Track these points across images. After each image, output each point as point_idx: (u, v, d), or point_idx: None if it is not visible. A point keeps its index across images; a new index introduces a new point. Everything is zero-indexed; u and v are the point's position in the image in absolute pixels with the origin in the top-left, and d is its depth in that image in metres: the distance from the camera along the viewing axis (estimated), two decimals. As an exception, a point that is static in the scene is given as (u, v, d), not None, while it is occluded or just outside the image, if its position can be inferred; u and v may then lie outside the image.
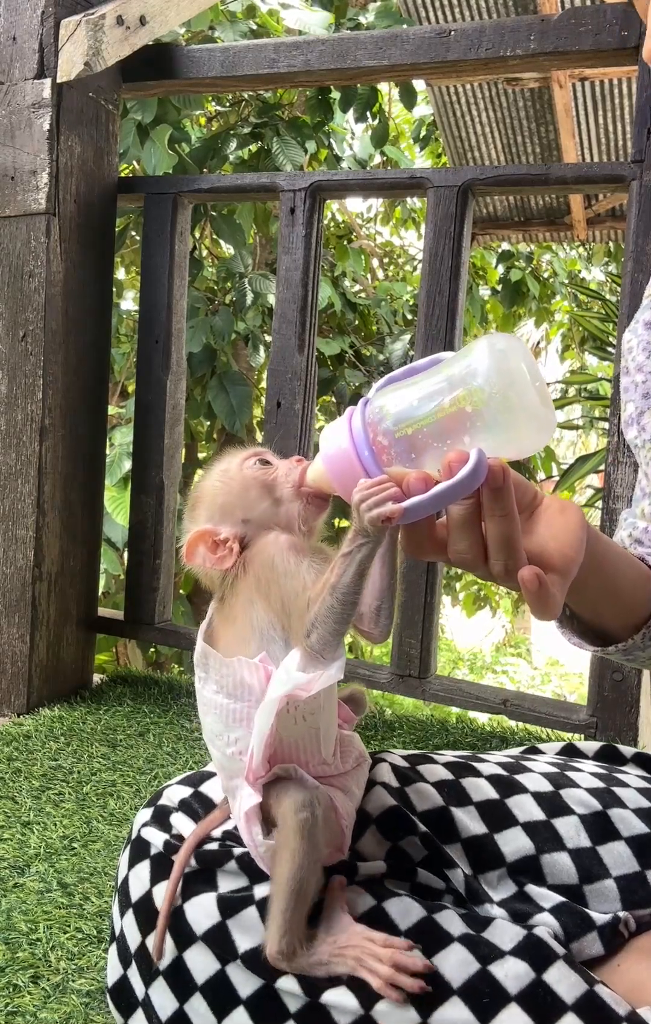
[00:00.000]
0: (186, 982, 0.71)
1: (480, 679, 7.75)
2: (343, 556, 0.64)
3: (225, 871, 0.74)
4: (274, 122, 3.10)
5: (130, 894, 0.78)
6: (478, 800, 0.79)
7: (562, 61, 1.60)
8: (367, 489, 0.62)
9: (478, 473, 0.59)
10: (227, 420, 3.16)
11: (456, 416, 0.60)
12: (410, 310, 4.39)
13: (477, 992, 0.64)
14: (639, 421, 0.87)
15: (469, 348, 0.61)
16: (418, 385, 0.63)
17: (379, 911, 0.70)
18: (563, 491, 4.51)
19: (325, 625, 0.66)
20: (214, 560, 0.73)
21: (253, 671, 0.71)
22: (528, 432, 0.60)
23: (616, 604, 0.77)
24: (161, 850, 0.77)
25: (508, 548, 0.61)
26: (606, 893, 0.74)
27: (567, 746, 0.94)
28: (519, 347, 0.60)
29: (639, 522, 0.87)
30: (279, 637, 0.72)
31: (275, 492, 0.75)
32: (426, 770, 0.83)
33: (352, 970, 0.65)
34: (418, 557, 0.67)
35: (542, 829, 0.77)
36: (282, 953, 0.66)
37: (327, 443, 0.66)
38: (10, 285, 1.74)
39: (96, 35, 1.65)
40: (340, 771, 0.77)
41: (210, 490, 0.76)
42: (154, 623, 1.93)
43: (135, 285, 3.88)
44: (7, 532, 1.77)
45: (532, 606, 0.61)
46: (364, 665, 1.84)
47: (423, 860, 0.76)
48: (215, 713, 0.73)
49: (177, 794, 0.84)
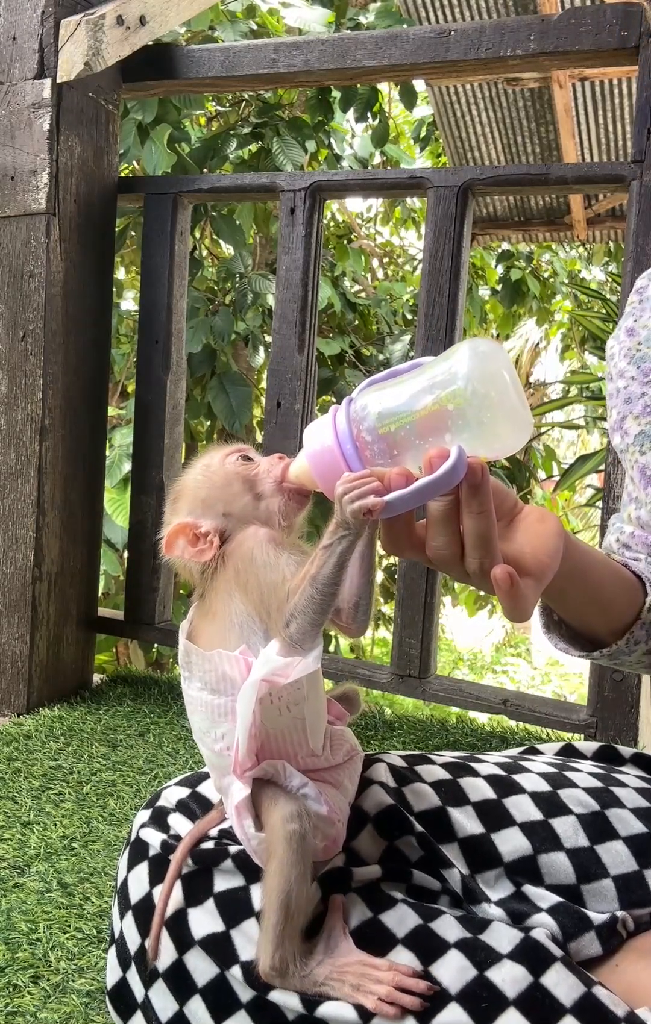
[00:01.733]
0: (186, 984, 0.71)
1: (480, 679, 7.75)
2: (323, 548, 0.66)
3: (221, 870, 0.74)
4: (274, 122, 3.10)
5: (129, 896, 0.77)
6: (475, 800, 0.79)
7: (562, 61, 1.60)
8: (350, 482, 0.63)
9: (458, 469, 0.60)
10: (227, 420, 3.16)
11: (437, 415, 0.62)
12: (410, 310, 4.39)
13: (475, 998, 0.64)
14: (622, 426, 0.88)
15: (451, 351, 0.63)
16: (401, 385, 0.65)
17: (375, 923, 0.70)
18: (563, 491, 4.51)
19: (304, 615, 0.67)
20: (194, 553, 0.74)
21: (233, 664, 0.72)
22: (507, 431, 0.62)
23: (600, 611, 0.78)
24: (159, 851, 0.77)
25: (484, 545, 0.62)
26: (604, 893, 0.74)
27: (566, 746, 0.94)
28: (499, 351, 0.62)
29: (626, 527, 0.88)
30: (258, 629, 0.72)
31: (256, 487, 0.76)
32: (424, 770, 0.83)
33: (348, 996, 0.65)
34: (397, 555, 0.68)
35: (540, 829, 0.77)
36: (275, 969, 0.66)
37: (310, 440, 0.67)
38: (10, 285, 1.74)
39: (96, 35, 1.65)
40: (331, 764, 0.77)
41: (192, 484, 0.77)
42: (154, 623, 1.93)
43: (135, 285, 3.87)
44: (7, 532, 1.77)
45: (504, 605, 0.62)
46: (364, 665, 1.84)
47: (419, 860, 0.76)
48: (201, 711, 0.74)
49: (175, 795, 0.84)
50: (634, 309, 0.91)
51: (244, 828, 0.71)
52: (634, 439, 0.87)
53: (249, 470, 0.76)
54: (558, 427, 6.68)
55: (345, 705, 0.84)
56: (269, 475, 0.76)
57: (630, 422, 0.87)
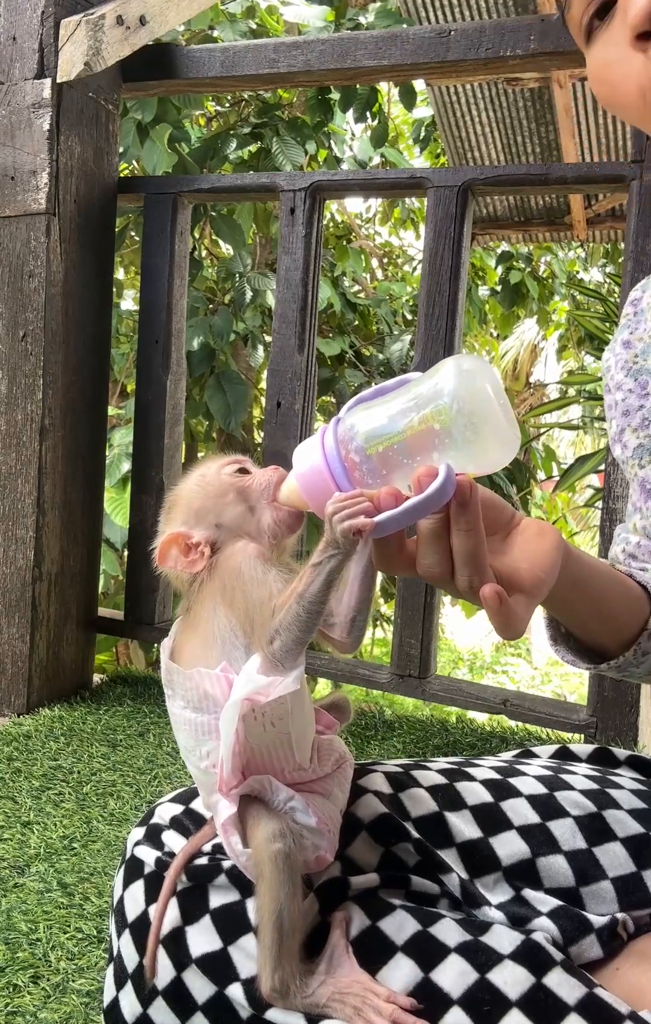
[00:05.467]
0: (187, 1003, 0.71)
1: (480, 679, 7.76)
2: (312, 566, 0.65)
3: (216, 885, 0.74)
4: (274, 122, 3.10)
5: (126, 914, 0.77)
6: (472, 804, 0.79)
7: (562, 61, 1.60)
8: (340, 502, 0.63)
9: (447, 487, 0.60)
10: (223, 419, 3.16)
11: (424, 434, 0.62)
12: (410, 310, 4.40)
13: (478, 1001, 0.64)
14: (621, 439, 0.88)
15: (436, 368, 0.63)
16: (387, 404, 0.65)
17: (374, 932, 0.70)
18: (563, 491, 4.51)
19: (289, 633, 0.67)
20: (185, 563, 0.74)
21: (215, 682, 0.71)
22: (494, 448, 0.62)
23: (606, 622, 0.78)
24: (154, 868, 0.77)
25: (473, 563, 0.62)
26: (603, 895, 0.74)
27: (560, 749, 0.94)
28: (484, 367, 0.62)
29: (632, 537, 0.88)
30: (240, 644, 0.72)
31: (249, 499, 0.76)
32: (419, 775, 0.83)
33: (349, 1019, 0.65)
34: (388, 572, 0.68)
35: (537, 832, 0.77)
36: (276, 990, 0.66)
37: (299, 461, 0.67)
38: (10, 285, 1.74)
39: (96, 35, 1.65)
40: (319, 775, 0.77)
41: (186, 494, 0.77)
42: (154, 623, 1.93)
43: (135, 285, 3.87)
44: (7, 532, 1.77)
45: (494, 623, 0.62)
46: (364, 665, 1.84)
47: (417, 865, 0.76)
48: (185, 729, 0.74)
49: (168, 812, 0.83)
50: (629, 321, 0.91)
51: (232, 845, 0.71)
52: (633, 452, 0.87)
53: (244, 482, 0.76)
54: (557, 427, 6.68)
55: (335, 714, 0.83)
56: (262, 490, 0.76)
57: (629, 435, 0.87)
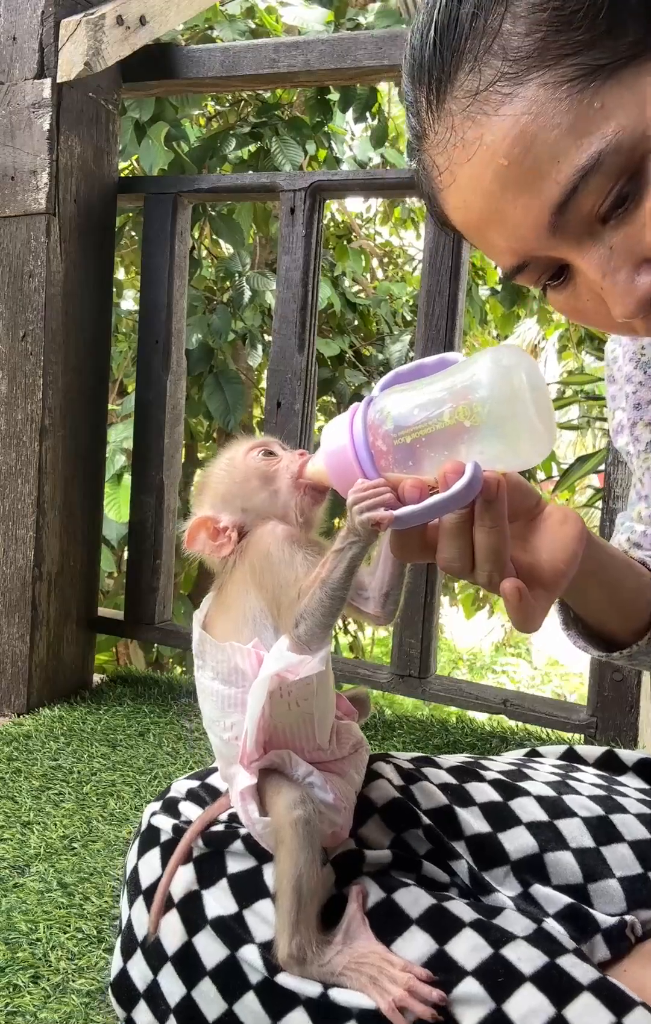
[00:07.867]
0: (195, 967, 0.71)
1: (480, 679, 7.76)
2: (335, 552, 0.66)
3: (232, 852, 0.75)
4: (273, 122, 3.10)
5: (140, 882, 0.78)
6: (481, 801, 0.80)
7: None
8: (362, 491, 0.63)
9: (473, 486, 0.59)
10: (221, 418, 3.16)
11: (454, 429, 0.61)
12: (410, 310, 4.39)
13: (492, 973, 0.64)
14: (632, 431, 0.88)
15: (474, 358, 0.62)
16: (421, 391, 0.63)
17: (389, 903, 0.70)
18: (563, 491, 4.51)
19: (313, 617, 0.68)
20: (213, 547, 0.76)
21: (246, 656, 0.72)
22: (525, 448, 0.60)
23: (619, 610, 0.78)
24: (171, 835, 0.78)
25: (495, 559, 0.61)
26: (610, 893, 0.74)
27: (568, 751, 0.94)
28: (524, 362, 0.60)
29: (637, 525, 0.88)
30: (271, 624, 0.74)
31: (274, 483, 0.77)
32: (430, 772, 0.84)
33: (364, 987, 0.65)
34: (405, 560, 0.68)
35: (545, 829, 0.77)
36: (293, 957, 0.67)
37: (329, 439, 0.66)
38: (10, 285, 1.74)
39: (96, 35, 1.65)
40: (337, 757, 0.78)
41: (214, 478, 0.79)
42: (154, 623, 1.93)
43: (135, 285, 3.87)
44: (7, 532, 1.77)
45: (512, 617, 0.62)
46: (364, 665, 1.84)
47: (427, 853, 0.77)
48: (212, 699, 0.75)
49: (185, 786, 0.85)
50: None
51: (248, 813, 0.72)
52: (647, 446, 0.87)
53: (269, 465, 0.77)
54: (557, 427, 6.67)
55: (355, 705, 0.85)
56: (287, 471, 0.77)
57: (641, 429, 0.87)
